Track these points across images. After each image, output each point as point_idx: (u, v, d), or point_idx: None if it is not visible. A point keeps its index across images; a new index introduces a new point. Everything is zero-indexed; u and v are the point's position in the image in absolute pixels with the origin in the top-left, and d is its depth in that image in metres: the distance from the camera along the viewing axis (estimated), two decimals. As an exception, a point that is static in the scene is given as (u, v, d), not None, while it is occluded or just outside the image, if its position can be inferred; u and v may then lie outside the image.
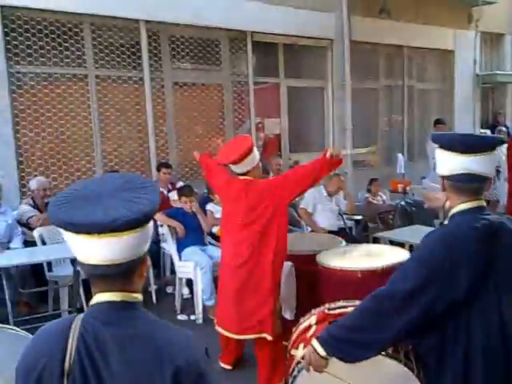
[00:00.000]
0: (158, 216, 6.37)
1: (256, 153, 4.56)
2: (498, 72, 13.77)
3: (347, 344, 2.32)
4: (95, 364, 1.54)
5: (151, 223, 1.68)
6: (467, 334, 2.22)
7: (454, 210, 2.39)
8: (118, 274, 1.62)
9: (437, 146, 2.43)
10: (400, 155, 9.99)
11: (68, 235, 1.58)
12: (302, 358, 2.62)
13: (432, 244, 2.31)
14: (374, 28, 10.57)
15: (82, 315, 1.64)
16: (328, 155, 4.34)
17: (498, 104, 14.48)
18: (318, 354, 2.37)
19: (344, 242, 5.39)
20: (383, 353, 2.46)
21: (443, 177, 2.41)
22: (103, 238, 1.53)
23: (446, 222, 2.43)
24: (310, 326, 2.95)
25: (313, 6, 9.68)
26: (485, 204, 2.39)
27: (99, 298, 1.65)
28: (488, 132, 10.89)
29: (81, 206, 1.56)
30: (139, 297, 1.70)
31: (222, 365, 4.89)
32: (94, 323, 1.59)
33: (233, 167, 4.55)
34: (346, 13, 10.08)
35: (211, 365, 1.74)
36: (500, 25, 13.85)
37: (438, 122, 10.44)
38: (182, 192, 6.56)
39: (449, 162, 2.35)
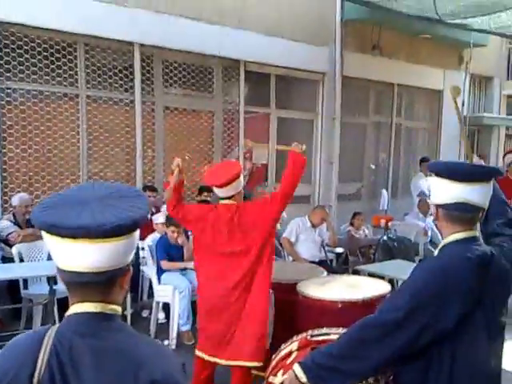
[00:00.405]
0: (165, 264, 6.32)
1: (242, 179, 4.57)
2: (485, 115, 13.99)
3: (331, 372, 2.28)
4: (66, 380, 1.48)
5: (138, 232, 1.64)
6: (452, 363, 2.20)
7: (446, 240, 2.37)
8: (100, 283, 1.57)
9: (433, 174, 2.42)
10: (384, 191, 10.06)
11: (51, 240, 1.53)
12: (281, 384, 2.59)
13: (425, 275, 2.28)
14: (365, 64, 10.72)
15: (56, 326, 1.58)
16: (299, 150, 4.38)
17: (483, 146, 14.64)
18: (299, 380, 2.32)
19: (325, 273, 5.39)
20: (364, 382, 2.43)
21: (437, 205, 2.39)
22: (89, 243, 1.49)
23: (436, 252, 2.41)
24: (290, 353, 2.90)
25: (307, 40, 9.78)
26: (478, 234, 2.37)
27: (77, 308, 1.59)
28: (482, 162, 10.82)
29: (67, 210, 1.53)
30: (118, 309, 1.64)
31: None
32: (70, 336, 1.53)
33: (217, 190, 4.53)
34: (339, 48, 10.18)
35: (187, 381, 1.69)
36: (489, 68, 14.09)
37: (423, 160, 10.54)
38: (171, 221, 6.41)
39: (444, 191, 2.33)
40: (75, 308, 1.59)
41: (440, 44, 11.99)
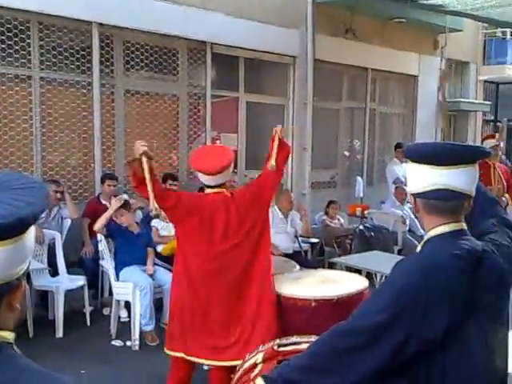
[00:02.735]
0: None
1: (232, 166, 4.18)
2: (461, 100, 13.83)
3: None
4: None
5: (31, 236, 1.22)
6: (442, 379, 1.84)
7: (429, 234, 2.00)
8: None
9: (408, 160, 2.07)
10: (359, 178, 9.74)
11: None
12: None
13: (406, 274, 1.91)
14: (338, 48, 10.38)
15: None
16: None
17: (459, 131, 14.47)
18: None
19: (298, 267, 5.03)
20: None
21: (415, 195, 2.03)
22: None
23: (419, 248, 2.04)
24: (255, 365, 2.55)
25: (277, 22, 9.40)
26: (465, 227, 1.99)
27: None
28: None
29: None
30: (7, 335, 1.23)
31: None
32: None
33: (204, 178, 4.05)
34: (310, 31, 9.82)
35: None
36: (465, 53, 13.93)
37: (398, 146, 10.28)
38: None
39: (421, 177, 1.97)
40: None
41: (415, 28, 11.73)
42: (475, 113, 14.65)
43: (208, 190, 4.07)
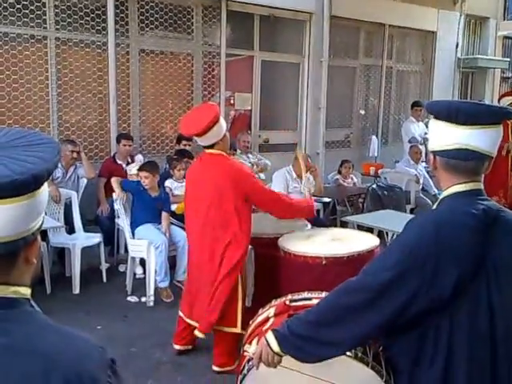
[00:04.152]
0: (113, 180, 6.09)
1: (222, 123, 4.20)
2: (480, 56, 13.50)
3: (308, 342, 1.99)
4: None
5: (45, 191, 1.26)
6: (450, 336, 1.88)
7: (446, 192, 2.01)
8: None
9: (431, 116, 2.06)
10: (374, 137, 9.72)
11: None
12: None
13: (418, 232, 1.93)
14: (355, 4, 10.17)
15: None
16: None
17: (477, 89, 14.22)
18: (272, 349, 2.05)
19: (309, 225, 5.07)
20: (349, 353, 2.13)
21: (435, 152, 2.02)
22: None
23: (435, 207, 2.06)
24: (267, 319, 2.63)
25: (293, -23, 9.22)
26: (482, 187, 2.01)
27: None
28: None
29: None
30: (25, 291, 1.27)
31: (177, 347, 4.61)
32: None
33: (197, 139, 4.22)
34: (327, -15, 9.66)
35: (119, 378, 1.31)
36: (484, 8, 13.56)
37: (415, 104, 10.20)
38: (144, 166, 6.17)
39: (443, 136, 1.96)
40: None
41: (433, -18, 11.44)
42: (493, 70, 14.30)
43: (206, 151, 4.23)
